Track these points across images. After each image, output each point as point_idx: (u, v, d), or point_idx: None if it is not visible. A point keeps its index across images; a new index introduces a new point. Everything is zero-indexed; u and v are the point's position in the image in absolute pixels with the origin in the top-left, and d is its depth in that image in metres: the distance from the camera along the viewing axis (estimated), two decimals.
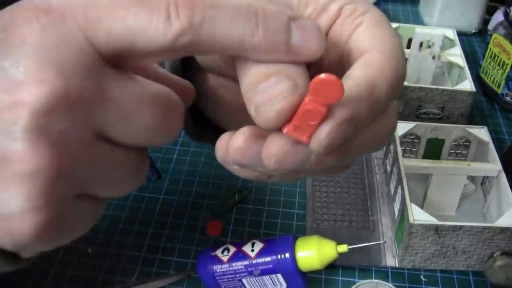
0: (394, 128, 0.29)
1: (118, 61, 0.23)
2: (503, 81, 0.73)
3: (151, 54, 0.23)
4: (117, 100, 0.22)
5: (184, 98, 0.29)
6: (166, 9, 0.22)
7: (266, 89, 0.24)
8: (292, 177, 0.29)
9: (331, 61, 0.30)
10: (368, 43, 0.28)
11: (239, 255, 0.45)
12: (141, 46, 0.22)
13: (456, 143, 0.61)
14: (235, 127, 0.34)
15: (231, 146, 0.26)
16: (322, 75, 0.22)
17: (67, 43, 0.21)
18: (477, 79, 0.78)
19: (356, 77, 0.25)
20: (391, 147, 0.60)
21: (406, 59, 0.74)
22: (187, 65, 0.34)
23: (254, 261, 0.44)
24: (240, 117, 0.33)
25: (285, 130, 0.24)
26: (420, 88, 0.66)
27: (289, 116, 0.24)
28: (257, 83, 0.24)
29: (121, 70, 0.23)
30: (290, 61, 0.24)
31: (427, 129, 0.60)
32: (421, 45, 0.73)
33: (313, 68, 0.29)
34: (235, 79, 0.26)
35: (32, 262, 0.26)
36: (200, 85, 0.34)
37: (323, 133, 0.23)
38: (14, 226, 0.22)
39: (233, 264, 0.45)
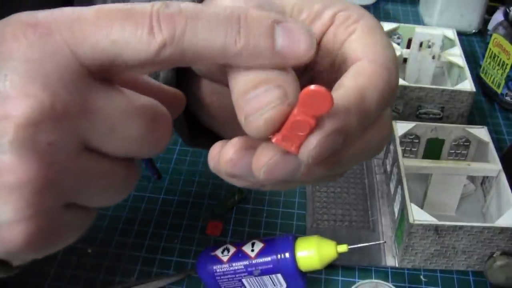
0: (387, 138, 0.29)
1: (105, 74, 0.23)
2: (503, 81, 0.73)
3: (136, 66, 0.23)
4: (103, 113, 0.23)
5: (174, 106, 0.29)
6: (149, 22, 0.22)
7: (255, 98, 0.24)
8: (285, 186, 0.29)
9: (324, 69, 0.30)
10: (360, 52, 0.27)
11: (239, 255, 0.45)
12: (125, 58, 0.23)
13: (456, 143, 0.61)
14: (230, 133, 0.34)
15: (222, 158, 0.26)
16: (312, 87, 0.22)
17: (53, 57, 0.22)
18: (477, 79, 0.78)
19: (346, 87, 0.25)
20: (391, 147, 0.60)
21: (406, 59, 0.74)
22: (182, 72, 0.34)
23: (254, 261, 0.44)
24: (234, 123, 0.33)
25: (274, 140, 0.24)
26: (420, 88, 0.66)
27: (279, 125, 0.24)
28: (246, 92, 0.24)
29: (107, 84, 0.24)
30: (277, 65, 0.24)
31: (427, 129, 0.60)
32: (421, 45, 0.73)
33: (305, 75, 0.29)
34: (228, 85, 0.26)
35: (22, 270, 0.26)
36: (195, 92, 0.34)
37: (312, 144, 0.23)
38: (4, 236, 0.23)
39: (233, 264, 0.45)
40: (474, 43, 0.89)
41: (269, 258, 0.44)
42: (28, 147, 0.21)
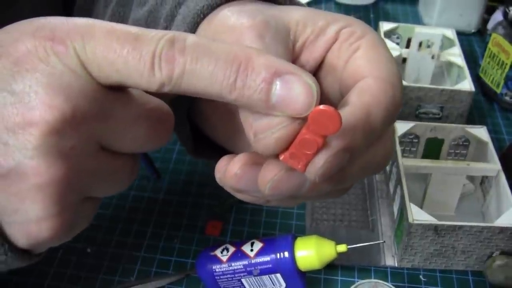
0: (391, 152, 0.29)
1: (117, 85, 0.25)
2: (502, 81, 0.73)
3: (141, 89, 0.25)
4: (117, 118, 0.25)
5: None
6: (151, 59, 0.23)
7: (265, 116, 0.24)
8: (290, 202, 0.29)
9: (329, 85, 0.31)
10: (365, 68, 0.28)
11: (239, 255, 0.45)
12: (129, 85, 0.24)
13: (455, 143, 0.61)
14: (232, 146, 0.34)
15: (228, 172, 0.27)
16: (321, 107, 0.22)
17: (72, 71, 0.24)
18: (476, 79, 0.78)
19: (352, 104, 0.25)
20: None
21: (405, 59, 0.74)
22: None
23: (253, 261, 0.44)
24: (237, 137, 0.33)
25: (281, 157, 0.24)
26: (419, 88, 0.66)
27: (288, 143, 0.24)
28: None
29: (121, 91, 0.25)
30: (272, 115, 0.24)
31: (426, 129, 0.60)
32: (420, 44, 0.73)
33: None
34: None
35: (42, 258, 0.29)
36: (199, 104, 0.34)
37: (319, 163, 0.23)
38: (32, 231, 0.25)
39: (233, 264, 0.45)
40: (473, 42, 0.89)
41: (268, 258, 0.44)
42: (53, 152, 0.23)
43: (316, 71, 0.31)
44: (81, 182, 0.25)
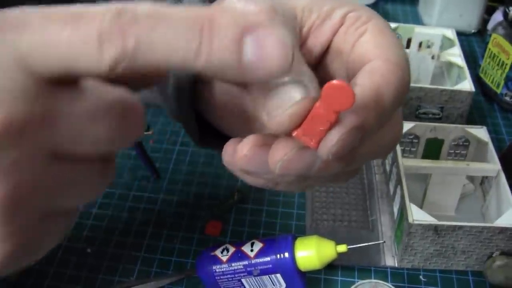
0: (399, 135, 0.29)
1: (65, 78, 0.21)
2: (502, 81, 0.73)
3: (94, 77, 0.21)
4: (68, 118, 0.21)
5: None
6: (98, 36, 0.20)
7: (277, 94, 0.24)
8: (299, 185, 0.29)
9: (335, 69, 0.31)
10: (372, 52, 0.28)
11: (239, 255, 0.45)
12: (79, 71, 0.21)
13: (455, 143, 0.61)
14: (237, 133, 0.34)
15: (238, 154, 0.26)
16: (335, 81, 0.22)
17: (6, 69, 0.20)
18: (477, 79, 0.78)
19: (362, 85, 0.25)
20: None
21: None
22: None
23: (253, 261, 0.44)
24: (241, 123, 0.33)
25: (294, 134, 0.24)
26: (420, 88, 0.66)
27: (302, 120, 0.24)
28: (267, 88, 0.24)
29: (70, 84, 0.21)
30: (247, 79, 0.21)
31: (427, 129, 0.60)
32: (420, 45, 0.73)
33: (316, 77, 0.29)
34: (239, 85, 0.26)
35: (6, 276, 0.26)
36: (203, 92, 0.34)
37: (333, 140, 0.23)
38: None
39: (233, 264, 0.45)
40: (473, 43, 0.89)
41: (268, 258, 0.44)
42: None
43: (323, 56, 0.31)
44: (33, 199, 0.21)
